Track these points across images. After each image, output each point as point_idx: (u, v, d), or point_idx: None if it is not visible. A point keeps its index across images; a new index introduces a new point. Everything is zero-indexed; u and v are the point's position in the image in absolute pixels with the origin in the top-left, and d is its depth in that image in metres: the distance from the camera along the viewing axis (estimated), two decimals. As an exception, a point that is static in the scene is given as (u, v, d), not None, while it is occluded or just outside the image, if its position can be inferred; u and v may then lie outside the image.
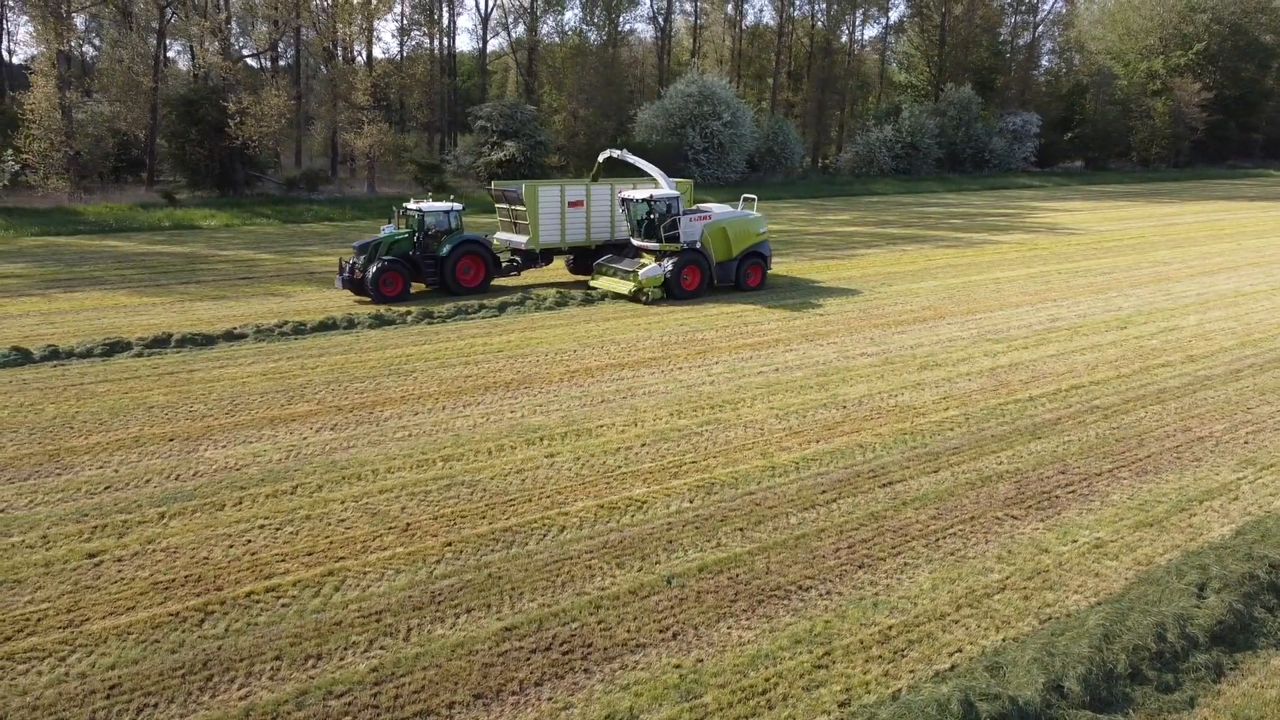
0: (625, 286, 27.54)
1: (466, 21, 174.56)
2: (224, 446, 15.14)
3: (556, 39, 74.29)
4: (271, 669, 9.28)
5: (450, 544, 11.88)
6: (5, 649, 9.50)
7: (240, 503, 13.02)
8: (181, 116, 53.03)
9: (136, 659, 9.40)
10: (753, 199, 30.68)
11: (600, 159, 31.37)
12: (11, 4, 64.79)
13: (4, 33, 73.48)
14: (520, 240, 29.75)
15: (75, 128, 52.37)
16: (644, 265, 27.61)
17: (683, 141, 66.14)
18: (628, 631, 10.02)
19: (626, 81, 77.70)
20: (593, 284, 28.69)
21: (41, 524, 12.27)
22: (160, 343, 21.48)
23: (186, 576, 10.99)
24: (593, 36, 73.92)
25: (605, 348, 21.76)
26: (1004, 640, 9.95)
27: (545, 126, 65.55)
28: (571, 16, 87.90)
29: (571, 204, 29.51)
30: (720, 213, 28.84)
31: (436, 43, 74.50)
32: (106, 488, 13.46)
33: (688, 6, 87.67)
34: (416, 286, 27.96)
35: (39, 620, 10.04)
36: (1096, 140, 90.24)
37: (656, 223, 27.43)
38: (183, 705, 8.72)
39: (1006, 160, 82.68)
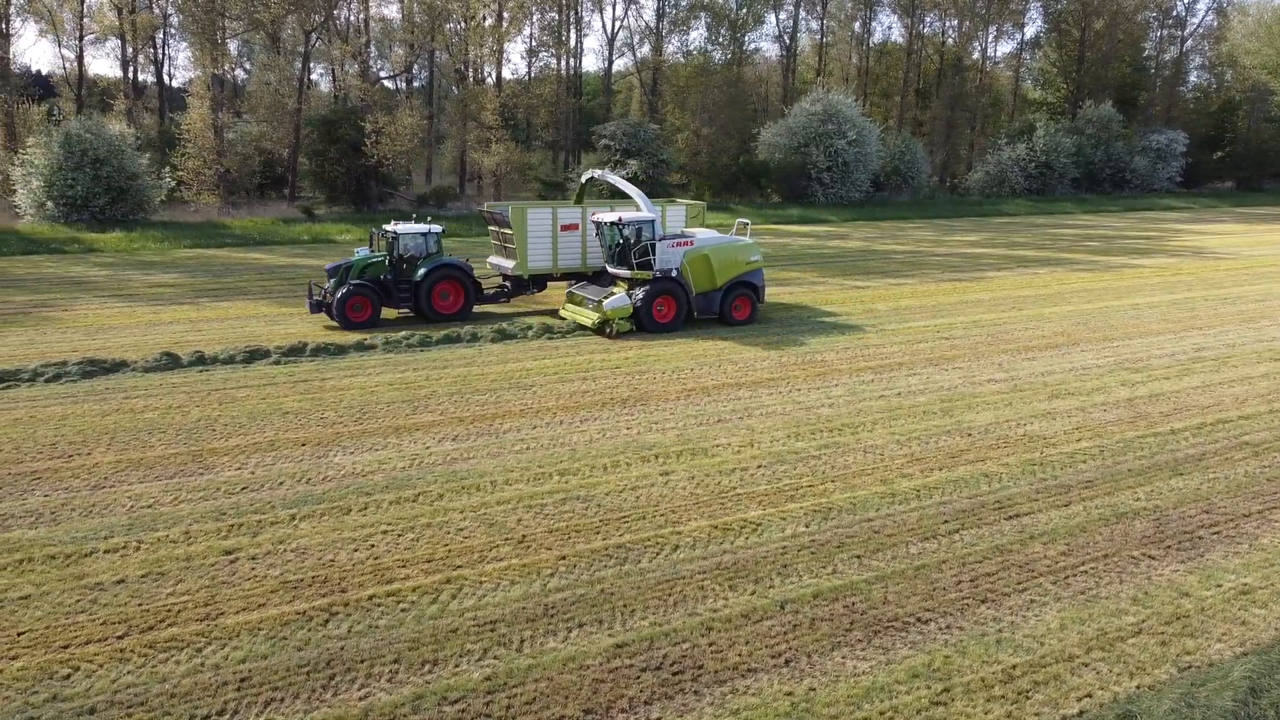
0: (590, 318, 25.32)
1: (593, 42, 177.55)
2: (352, 453, 15.70)
3: (681, 58, 74.84)
4: (390, 671, 9.53)
5: (564, 558, 11.99)
6: (148, 637, 10.05)
7: (365, 508, 13.46)
8: (322, 136, 55.64)
9: (265, 654, 9.80)
10: (746, 224, 28.74)
11: (582, 179, 29.79)
12: (173, 31, 69.32)
13: (166, 58, 78.70)
14: (509, 265, 28.18)
15: (226, 146, 55.60)
16: (612, 295, 25.30)
17: (806, 161, 65.58)
18: (739, 655, 9.90)
19: (750, 100, 77.66)
20: (562, 313, 26.78)
21: (184, 520, 12.96)
22: (296, 351, 22.48)
23: (313, 577, 11.42)
24: (717, 56, 74.18)
25: (722, 367, 21.67)
26: (1138, 688, 9.39)
27: (668, 145, 66.03)
28: (696, 36, 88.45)
29: (565, 227, 27.72)
30: (705, 238, 26.49)
31: (563, 63, 76.07)
32: (243, 488, 14.13)
33: (814, 25, 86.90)
34: (390, 313, 26.76)
35: (179, 612, 10.59)
36: (1249, 159, 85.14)
37: (628, 248, 25.41)
38: (306, 702, 9.04)
39: (1149, 180, 78.90)
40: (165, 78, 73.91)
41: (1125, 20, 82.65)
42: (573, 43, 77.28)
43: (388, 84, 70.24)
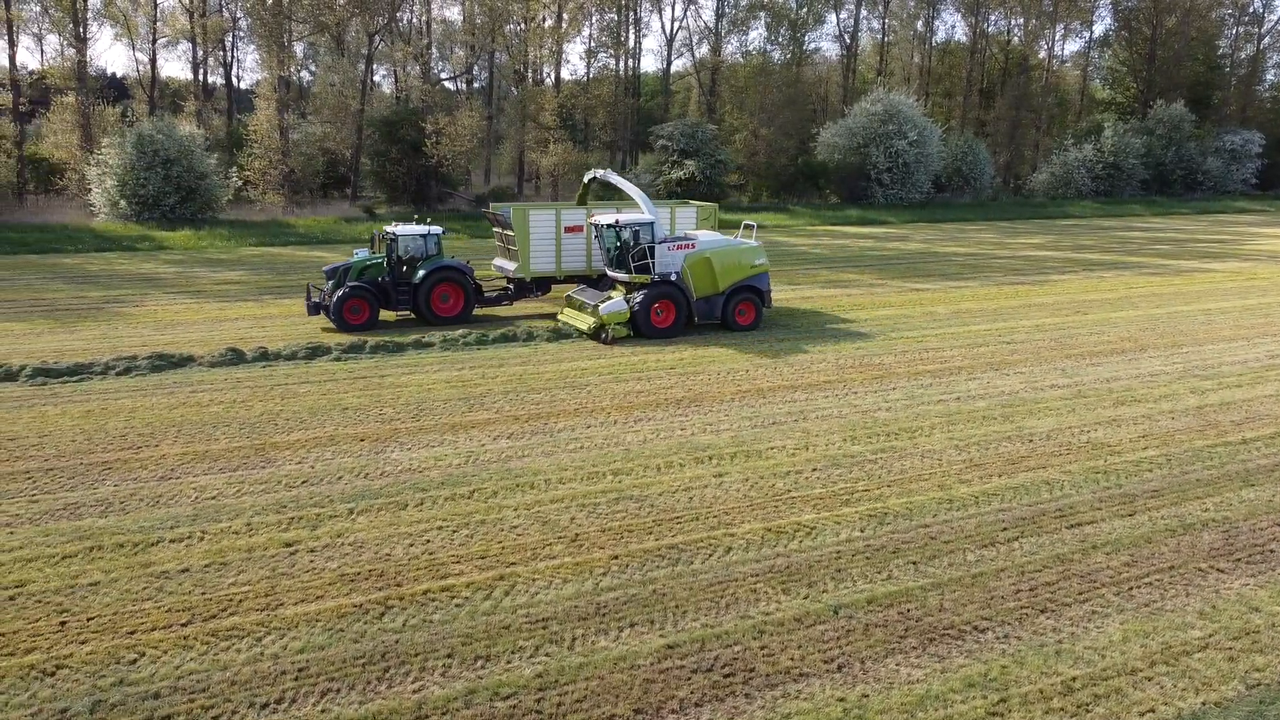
0: (586, 322, 24.72)
1: (651, 43, 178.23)
2: (409, 449, 15.92)
3: (740, 58, 74.60)
4: (443, 666, 9.63)
5: (616, 557, 12.01)
6: (210, 626, 10.29)
7: (421, 504, 13.63)
8: (383, 136, 56.53)
9: (323, 645, 9.97)
10: (753, 226, 27.61)
11: (585, 179, 29.14)
12: (242, 34, 70.97)
13: (234, 60, 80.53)
14: (511, 267, 27.75)
15: (290, 147, 56.77)
16: (609, 299, 24.67)
17: (865, 161, 64.95)
18: (791, 659, 9.82)
19: (809, 100, 77.08)
20: (560, 318, 26.08)
21: (246, 512, 13.25)
22: (356, 348, 22.85)
23: (370, 571, 11.59)
24: (776, 56, 73.82)
25: (778, 368, 21.53)
26: (1204, 704, 9.11)
27: (725, 146, 65.86)
28: (756, 36, 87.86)
29: (569, 229, 27.08)
30: (707, 241, 25.57)
31: (622, 64, 76.28)
32: (303, 482, 14.40)
33: (875, 24, 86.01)
34: (388, 315, 26.40)
35: (240, 601, 10.83)
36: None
37: (626, 251, 24.76)
38: (361, 693, 9.18)
39: (1222, 182, 76.66)
40: (234, 80, 75.70)
41: (1198, 17, 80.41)
42: (631, 43, 77.52)
43: (448, 85, 71.09)
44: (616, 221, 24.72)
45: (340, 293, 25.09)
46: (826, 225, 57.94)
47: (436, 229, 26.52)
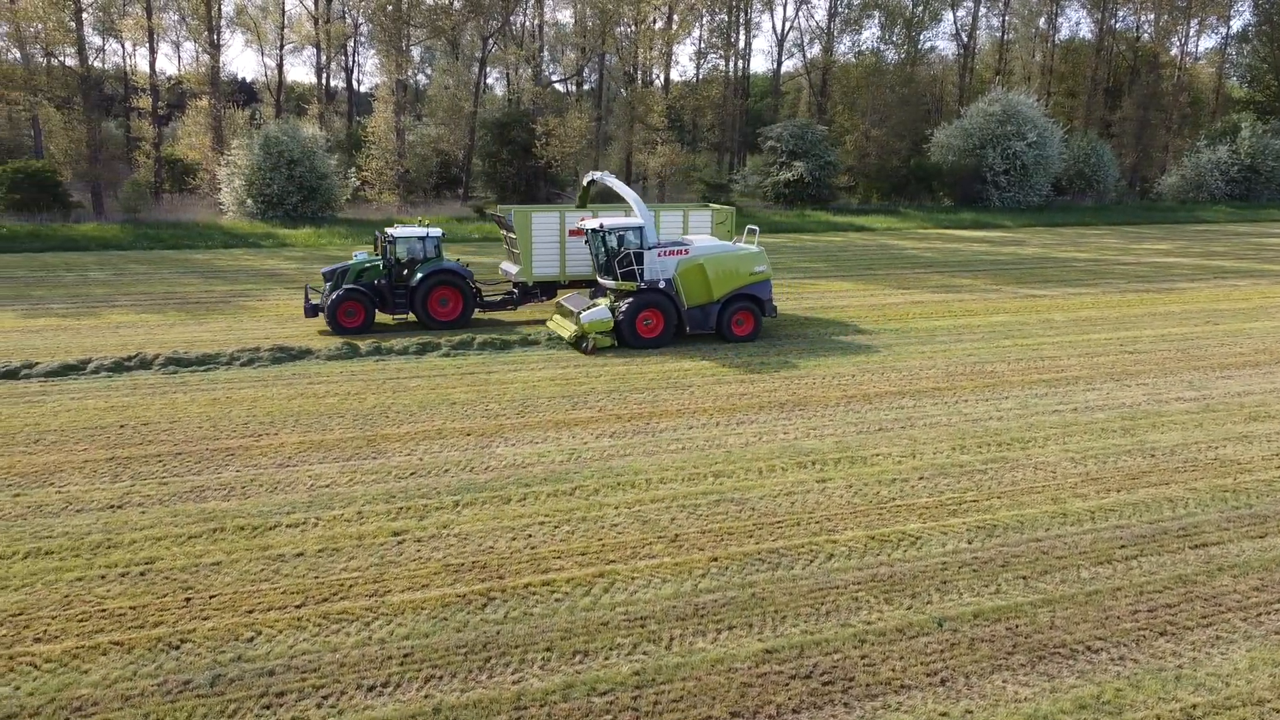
0: (569, 330, 23.68)
1: (762, 43, 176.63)
2: (513, 445, 16.19)
3: (852, 58, 73.44)
4: (542, 659, 9.76)
5: (716, 559, 11.97)
6: (322, 609, 10.68)
7: (524, 499, 13.85)
8: (495, 138, 57.72)
9: (427, 633, 10.23)
10: (755, 230, 25.99)
11: (584, 181, 28.02)
12: (363, 39, 73.46)
13: (355, 65, 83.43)
14: (515, 271, 27.01)
15: (406, 148, 58.47)
16: (593, 306, 23.68)
17: (981, 163, 63.19)
18: (892, 670, 9.61)
19: (923, 100, 75.38)
20: (548, 325, 25.26)
21: (357, 501, 13.70)
22: (464, 345, 23.37)
23: (474, 562, 11.84)
24: (890, 55, 72.41)
25: (886, 374, 21.11)
26: (1342, 742, 8.54)
27: (835, 147, 64.97)
28: (869, 36, 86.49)
29: (573, 233, 25.80)
30: (702, 246, 24.01)
31: (731, 65, 76.04)
32: (412, 473, 14.80)
33: (994, 21, 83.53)
34: (385, 319, 26.02)
35: (350, 587, 11.21)
36: None
37: (612, 256, 23.57)
38: (463, 681, 9.38)
39: (1371, 186, 71.70)
40: (354, 83, 78.43)
41: (1349, 10, 75.44)
42: (741, 44, 77.15)
43: (559, 87, 72.10)
44: (601, 226, 23.61)
45: (335, 295, 24.72)
46: (938, 228, 56.55)
47: (436, 231, 25.94)
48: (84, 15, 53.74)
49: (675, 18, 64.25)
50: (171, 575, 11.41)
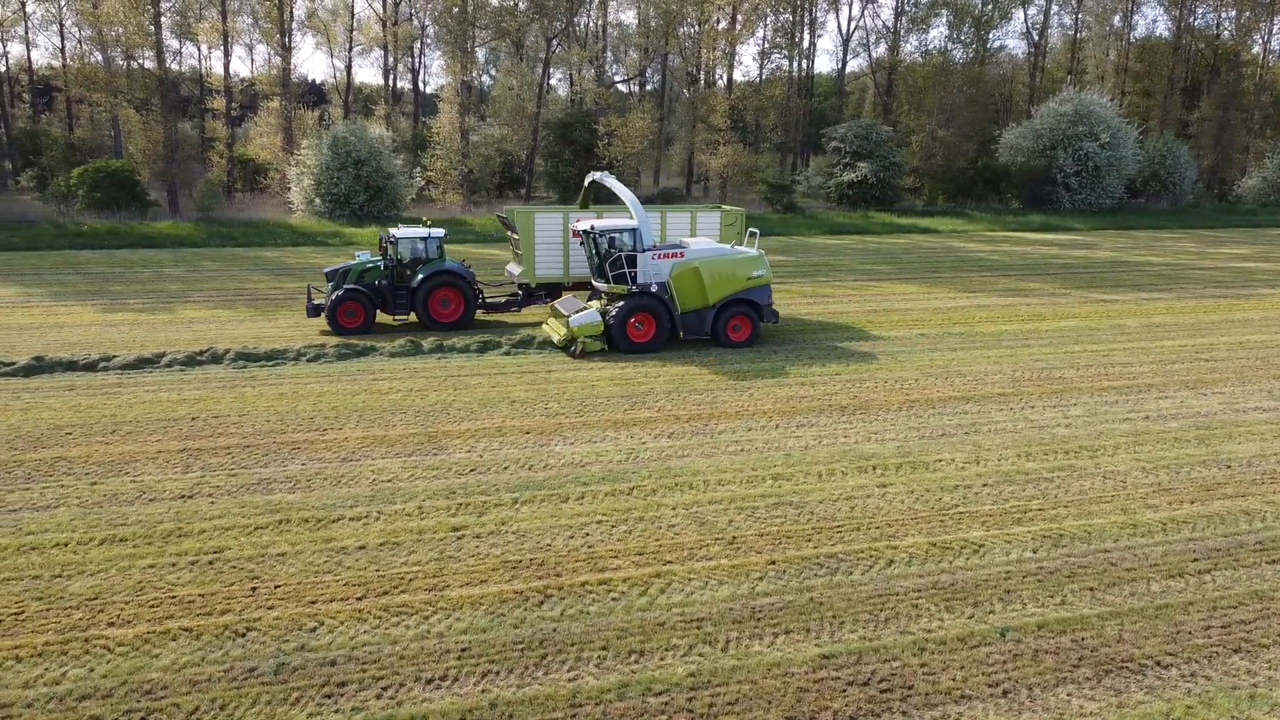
0: (559, 333, 23.35)
1: (826, 43, 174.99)
2: (572, 444, 16.27)
3: (919, 58, 72.42)
4: (598, 657, 9.79)
5: (774, 562, 11.88)
6: (383, 601, 10.84)
7: (582, 497, 13.90)
8: (557, 138, 58.11)
9: (485, 628, 10.32)
10: (755, 234, 25.42)
11: (586, 182, 27.46)
12: (429, 41, 74.50)
13: (421, 66, 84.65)
14: (519, 272, 26.71)
15: (470, 148, 59.13)
16: (584, 309, 23.28)
17: (1051, 164, 61.88)
18: (953, 680, 9.43)
19: (992, 101, 74.01)
20: (543, 328, 24.82)
21: (418, 496, 13.88)
22: (524, 344, 23.55)
23: (531, 560, 11.92)
24: (958, 55, 71.24)
25: (949, 379, 20.76)
26: None
27: (901, 148, 64.13)
28: (936, 35, 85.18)
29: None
30: (698, 249, 23.32)
31: (795, 65, 75.51)
32: (472, 470, 14.96)
33: (1066, 19, 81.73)
34: (385, 319, 25.91)
35: (410, 580, 11.36)
36: None
37: (602, 259, 23.22)
38: (519, 677, 9.44)
39: None
40: (420, 85, 79.58)
41: None
42: (806, 44, 76.56)
43: (621, 88, 72.29)
44: (592, 228, 23.16)
45: (335, 295, 24.68)
46: (1006, 231, 55.48)
47: (438, 232, 25.71)
48: (162, 19, 55.39)
49: (739, 18, 63.98)
50: (239, 565, 11.68)
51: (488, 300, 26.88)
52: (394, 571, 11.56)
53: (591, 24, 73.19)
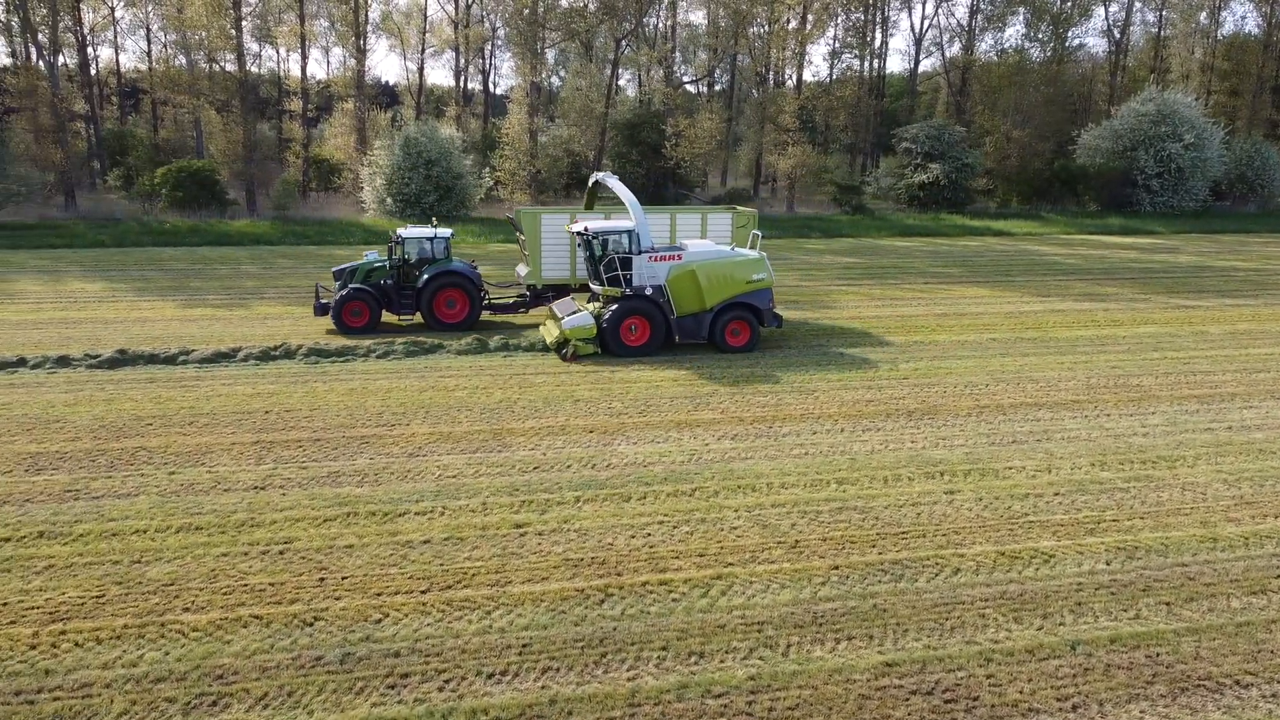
0: (552, 335, 23.02)
1: (899, 43, 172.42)
2: (635, 444, 16.29)
3: (994, 57, 70.94)
4: (658, 657, 9.78)
5: (837, 567, 11.74)
6: (446, 595, 10.98)
7: (644, 497, 13.91)
8: (625, 138, 58.26)
9: (545, 625, 10.38)
10: (758, 235, 24.85)
11: (590, 183, 27.03)
12: (499, 43, 75.36)
13: (492, 68, 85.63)
14: (525, 273, 26.50)
15: (538, 149, 59.64)
16: (577, 312, 22.88)
17: (1132, 166, 60.11)
18: (1020, 693, 9.21)
19: (1070, 100, 72.15)
20: (540, 330, 24.44)
21: (482, 492, 14.03)
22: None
23: (593, 558, 11.96)
24: (1035, 54, 69.59)
25: (1021, 384, 20.30)
26: None
27: (974, 149, 62.92)
28: (1013, 33, 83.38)
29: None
30: (696, 252, 22.84)
31: (866, 64, 74.57)
32: (535, 468, 15.07)
33: (1149, 16, 79.28)
34: (390, 319, 25.90)
35: (473, 575, 11.48)
36: None
37: (596, 261, 22.85)
38: (579, 675, 9.48)
39: None
40: (490, 86, 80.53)
41: None
42: (877, 43, 75.60)
43: (689, 88, 72.21)
44: (586, 229, 22.85)
45: (340, 294, 24.81)
46: (1083, 234, 54.08)
47: (445, 232, 25.72)
48: (243, 23, 56.95)
49: (810, 17, 63.44)
50: (308, 555, 11.94)
51: (494, 301, 26.87)
52: (457, 566, 11.69)
53: (660, 25, 73.26)
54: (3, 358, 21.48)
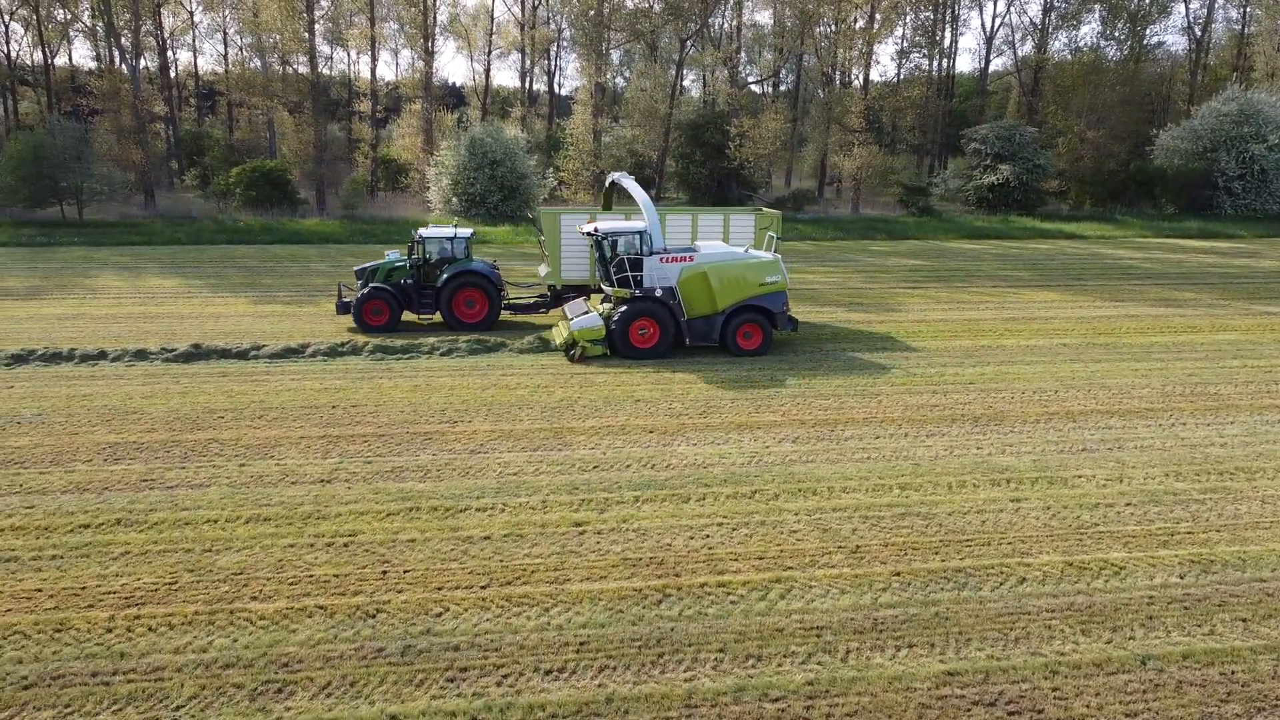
0: (562, 335, 22.84)
1: (969, 41, 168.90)
2: (694, 444, 16.25)
3: (1068, 56, 69.30)
4: (715, 659, 9.74)
5: (898, 574, 11.57)
6: (505, 591, 11.08)
7: (704, 499, 13.87)
8: (689, 139, 58.16)
9: (603, 623, 10.42)
10: (775, 238, 24.27)
11: (606, 183, 26.70)
12: (565, 44, 75.86)
13: (557, 68, 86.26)
14: (545, 273, 26.28)
15: (602, 149, 59.88)
16: (586, 313, 22.66)
17: (1212, 167, 58.22)
18: (1086, 707, 8.98)
19: (1148, 100, 70.15)
20: (552, 331, 24.43)
21: (542, 490, 14.13)
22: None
23: (651, 558, 11.96)
24: (1111, 52, 67.83)
25: (1092, 391, 19.80)
26: None
27: (1046, 150, 61.53)
28: (1088, 31, 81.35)
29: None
30: (709, 253, 22.53)
31: (935, 64, 73.45)
32: (595, 467, 15.13)
33: (1232, 13, 76.70)
34: (411, 318, 25.99)
35: (532, 572, 11.57)
36: None
37: (606, 262, 22.65)
38: (635, 674, 9.49)
39: None
40: (555, 87, 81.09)
41: None
42: (947, 42, 74.41)
43: (754, 88, 71.85)
44: (596, 229, 22.69)
45: (361, 293, 25.02)
46: (1159, 237, 52.53)
47: (465, 231, 25.75)
48: (316, 26, 58.19)
49: (878, 16, 62.67)
50: (371, 548, 12.15)
51: (513, 301, 26.91)
52: (517, 563, 11.79)
53: (726, 25, 73.03)
54: (85, 350, 22.26)
